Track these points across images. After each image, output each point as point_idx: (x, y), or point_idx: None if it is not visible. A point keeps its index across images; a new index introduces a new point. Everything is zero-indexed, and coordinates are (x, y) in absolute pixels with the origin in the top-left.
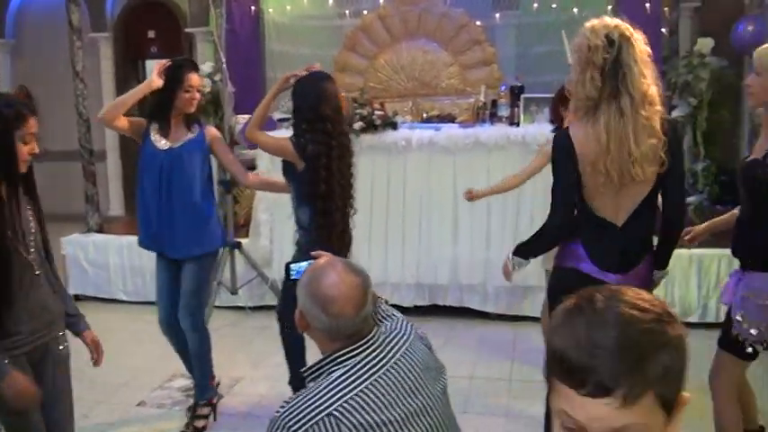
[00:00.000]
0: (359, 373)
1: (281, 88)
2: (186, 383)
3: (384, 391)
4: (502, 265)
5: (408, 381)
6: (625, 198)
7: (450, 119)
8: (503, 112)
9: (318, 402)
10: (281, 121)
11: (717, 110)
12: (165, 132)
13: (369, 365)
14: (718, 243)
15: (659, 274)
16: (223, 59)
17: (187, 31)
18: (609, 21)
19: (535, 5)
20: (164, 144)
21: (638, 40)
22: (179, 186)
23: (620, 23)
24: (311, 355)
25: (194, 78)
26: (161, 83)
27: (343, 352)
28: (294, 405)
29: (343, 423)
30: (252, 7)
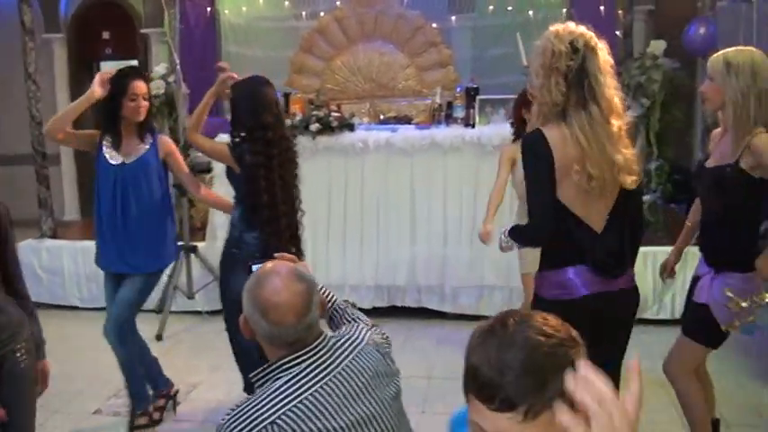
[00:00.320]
0: (303, 381)
1: (218, 91)
2: None
3: (329, 399)
4: (502, 247)
5: (355, 387)
6: (602, 205)
7: (407, 120)
8: (458, 113)
9: (262, 411)
10: None
11: (669, 110)
12: (116, 144)
13: (314, 373)
14: (672, 241)
15: None
16: (177, 61)
17: (142, 32)
18: (573, 27)
19: (491, 8)
20: (116, 158)
21: (602, 49)
22: (135, 204)
23: (585, 32)
24: None
25: (139, 86)
26: (102, 93)
27: (288, 359)
28: (238, 413)
29: None
30: (207, 8)
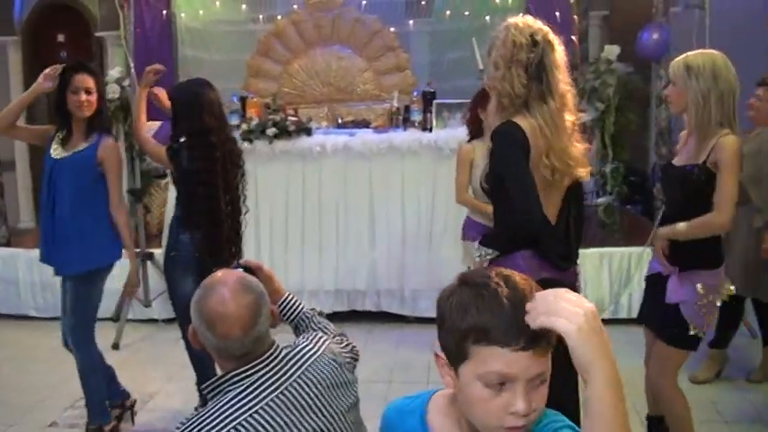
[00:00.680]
0: (254, 394)
1: (147, 84)
2: None
3: (281, 412)
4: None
5: (308, 400)
6: (555, 197)
7: (365, 124)
8: (415, 117)
9: (212, 425)
10: None
11: (624, 114)
12: (66, 139)
13: (265, 385)
14: (628, 242)
15: None
16: (131, 64)
17: (97, 35)
18: (532, 21)
19: (448, 12)
20: (56, 152)
21: (559, 46)
22: (60, 199)
23: (543, 26)
24: None
25: (81, 79)
26: (47, 86)
27: (238, 372)
28: (188, 427)
29: None
30: (163, 11)
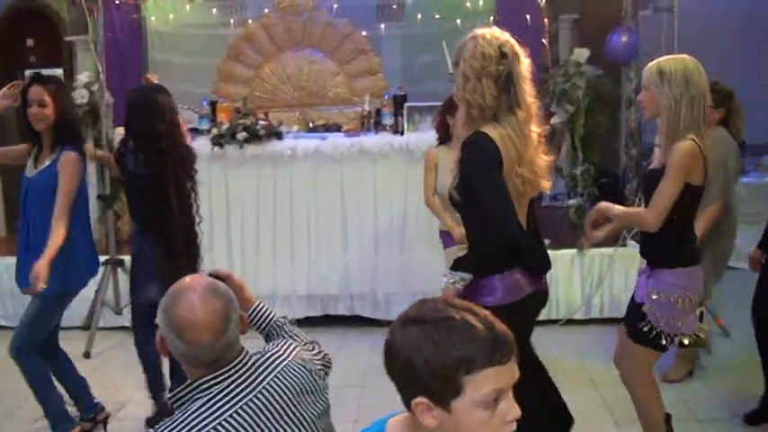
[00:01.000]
0: (222, 402)
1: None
2: (71, 410)
3: (250, 420)
4: (446, 290)
5: (277, 407)
6: (523, 206)
7: (336, 128)
8: (387, 120)
9: None
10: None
11: (593, 116)
12: (38, 156)
13: (233, 393)
14: (599, 243)
15: None
16: (100, 69)
17: (67, 39)
18: (499, 33)
19: (419, 16)
20: (28, 170)
21: (525, 57)
22: (32, 219)
23: (509, 38)
24: None
25: (32, 91)
26: (4, 104)
27: (206, 380)
28: None
29: None
30: (133, 15)
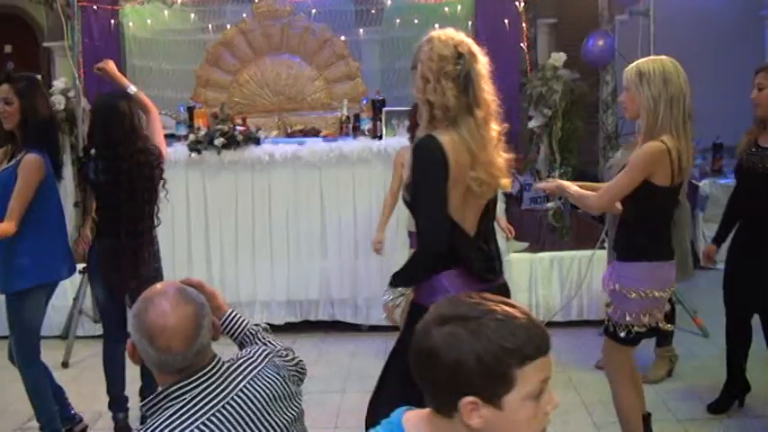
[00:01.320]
0: (194, 409)
1: None
2: None
3: (222, 426)
4: (388, 310)
5: (250, 414)
6: (476, 209)
7: (315, 133)
8: (365, 125)
9: None
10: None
11: (571, 119)
12: (11, 155)
13: (206, 400)
14: (578, 245)
15: None
16: (76, 75)
17: (45, 45)
18: (454, 33)
19: (397, 21)
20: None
21: (482, 57)
22: None
23: (465, 38)
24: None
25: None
26: None
27: (178, 387)
28: None
29: None
30: (111, 21)
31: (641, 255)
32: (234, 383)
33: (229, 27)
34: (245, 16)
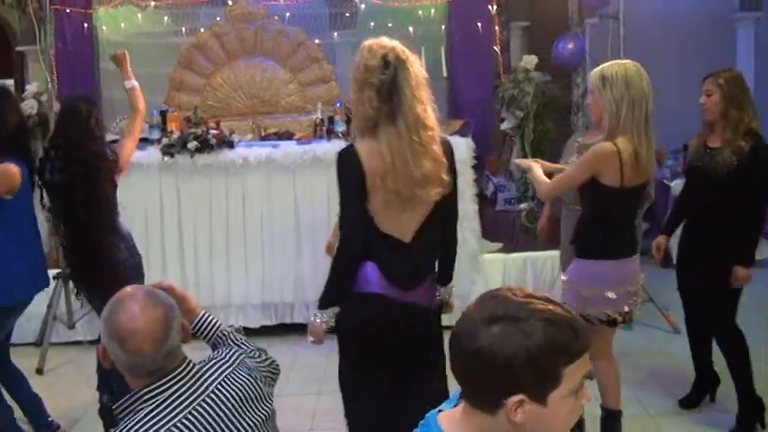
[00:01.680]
0: (166, 411)
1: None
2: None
3: (193, 428)
4: (309, 330)
5: (221, 415)
6: (411, 216)
7: (289, 136)
8: (339, 128)
9: None
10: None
11: (543, 121)
12: None
13: (177, 402)
14: (551, 246)
15: (447, 289)
16: (49, 79)
17: (18, 49)
18: (386, 42)
19: (372, 24)
20: None
21: (414, 62)
22: None
23: (397, 46)
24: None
25: None
26: None
27: (149, 389)
28: None
29: None
30: (84, 24)
31: (594, 254)
32: (205, 385)
33: (203, 30)
34: (218, 19)
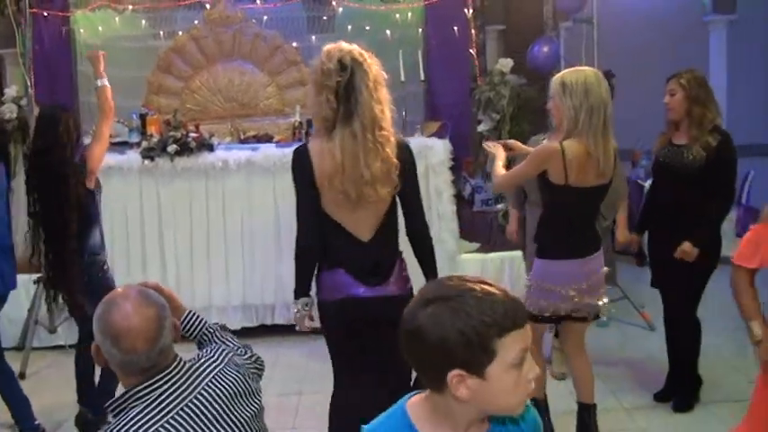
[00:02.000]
0: (158, 409)
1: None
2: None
3: (186, 425)
4: (296, 321)
5: (213, 412)
6: (366, 214)
7: (268, 138)
8: None
9: None
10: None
11: (519, 123)
12: None
13: (169, 399)
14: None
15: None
16: (28, 82)
17: None
18: (345, 45)
19: (349, 27)
20: None
21: (373, 64)
22: None
23: (354, 48)
24: None
25: None
26: None
27: (142, 387)
28: None
29: None
30: (63, 28)
31: (544, 252)
32: (197, 382)
33: (181, 33)
34: (196, 23)
